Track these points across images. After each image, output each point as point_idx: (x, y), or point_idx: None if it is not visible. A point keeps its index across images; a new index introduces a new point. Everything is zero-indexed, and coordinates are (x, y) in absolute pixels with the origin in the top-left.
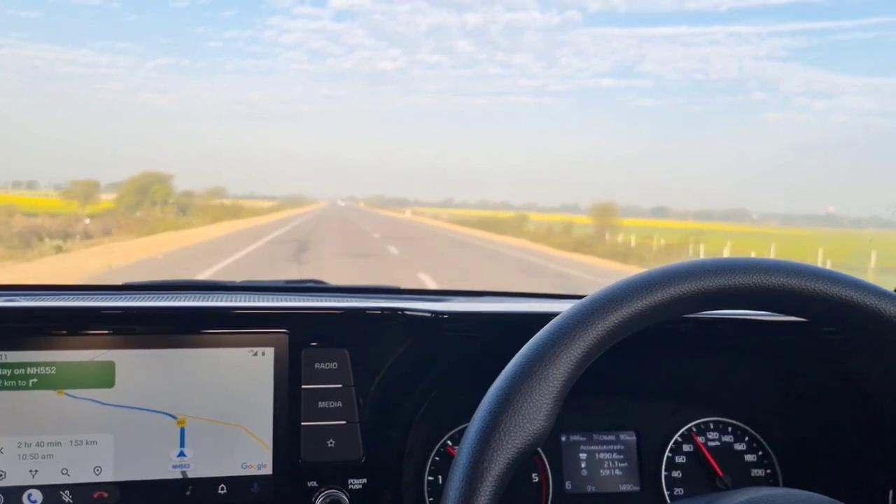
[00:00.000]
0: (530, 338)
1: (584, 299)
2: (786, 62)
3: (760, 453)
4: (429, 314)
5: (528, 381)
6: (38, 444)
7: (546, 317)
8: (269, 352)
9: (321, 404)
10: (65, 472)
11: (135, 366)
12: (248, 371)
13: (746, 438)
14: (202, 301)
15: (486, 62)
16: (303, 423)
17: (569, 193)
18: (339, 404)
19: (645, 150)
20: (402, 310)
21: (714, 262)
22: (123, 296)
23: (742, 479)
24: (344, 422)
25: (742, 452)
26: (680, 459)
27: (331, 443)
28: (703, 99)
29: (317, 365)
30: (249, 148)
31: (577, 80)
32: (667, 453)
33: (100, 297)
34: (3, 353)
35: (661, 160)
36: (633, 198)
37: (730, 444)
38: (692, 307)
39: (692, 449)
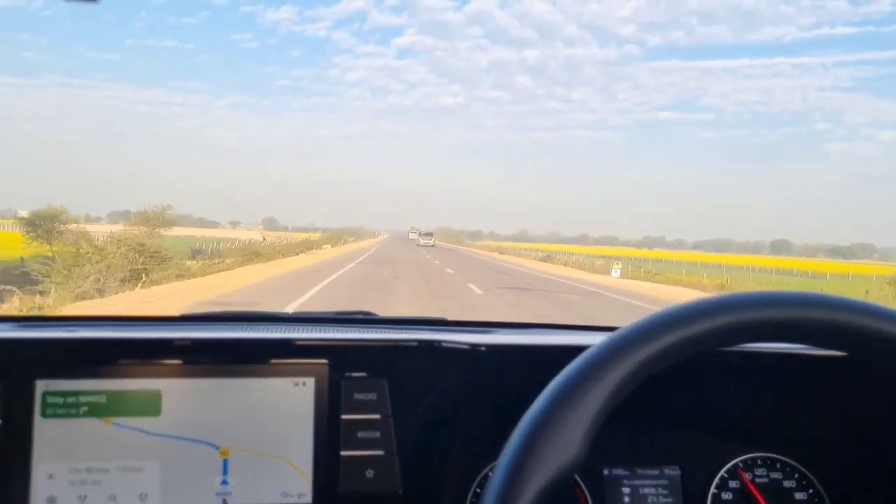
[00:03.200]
0: None
1: (619, 330)
2: (851, 93)
3: (811, 491)
4: (467, 346)
5: (559, 410)
6: (87, 471)
7: (585, 348)
8: (310, 382)
9: (360, 434)
10: (112, 498)
11: (181, 395)
12: (290, 401)
13: (796, 475)
14: (248, 333)
15: (544, 97)
16: (342, 453)
17: (650, 226)
18: (378, 434)
19: (705, 180)
20: (441, 342)
21: (755, 295)
22: (176, 327)
23: None
24: (382, 452)
25: (792, 490)
26: (726, 496)
27: (369, 473)
28: (764, 131)
29: (356, 395)
30: (311, 182)
31: (636, 113)
32: (712, 489)
33: (153, 328)
34: (57, 381)
35: (722, 191)
36: (746, 232)
37: (779, 481)
38: (730, 340)
39: (739, 486)
